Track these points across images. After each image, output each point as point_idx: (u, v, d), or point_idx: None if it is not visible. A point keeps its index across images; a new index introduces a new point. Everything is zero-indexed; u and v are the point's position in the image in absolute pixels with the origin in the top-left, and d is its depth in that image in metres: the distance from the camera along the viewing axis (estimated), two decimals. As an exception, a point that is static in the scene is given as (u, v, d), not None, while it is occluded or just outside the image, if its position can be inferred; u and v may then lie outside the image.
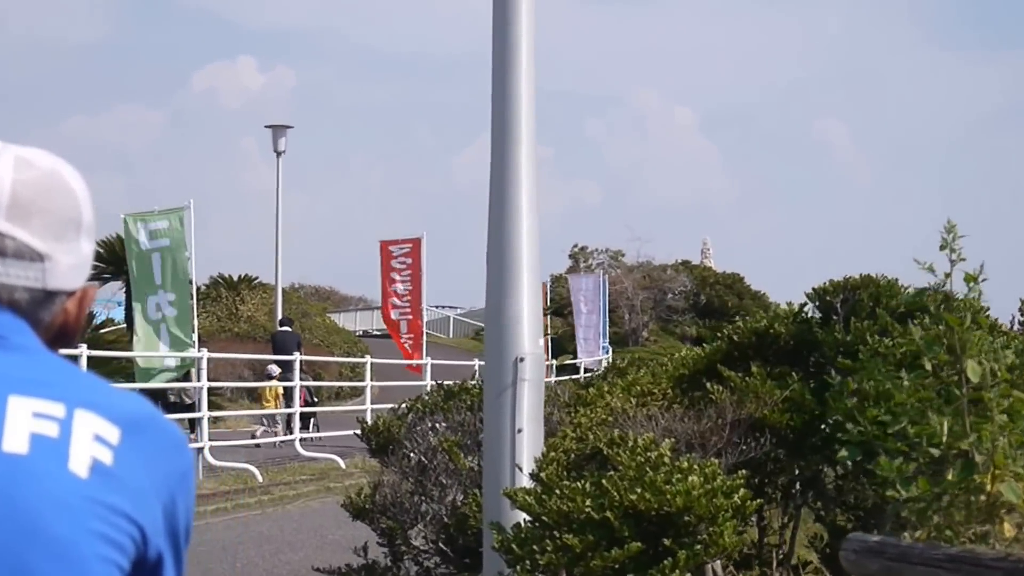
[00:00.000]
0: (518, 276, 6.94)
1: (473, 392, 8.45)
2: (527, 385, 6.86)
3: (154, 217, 19.70)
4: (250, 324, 43.91)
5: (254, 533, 13.12)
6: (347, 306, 79.03)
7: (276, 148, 41.73)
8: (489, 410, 6.97)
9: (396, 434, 8.29)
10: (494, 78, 7.07)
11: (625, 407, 7.20)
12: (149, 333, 19.89)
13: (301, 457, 21.98)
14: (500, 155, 7.03)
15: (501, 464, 6.85)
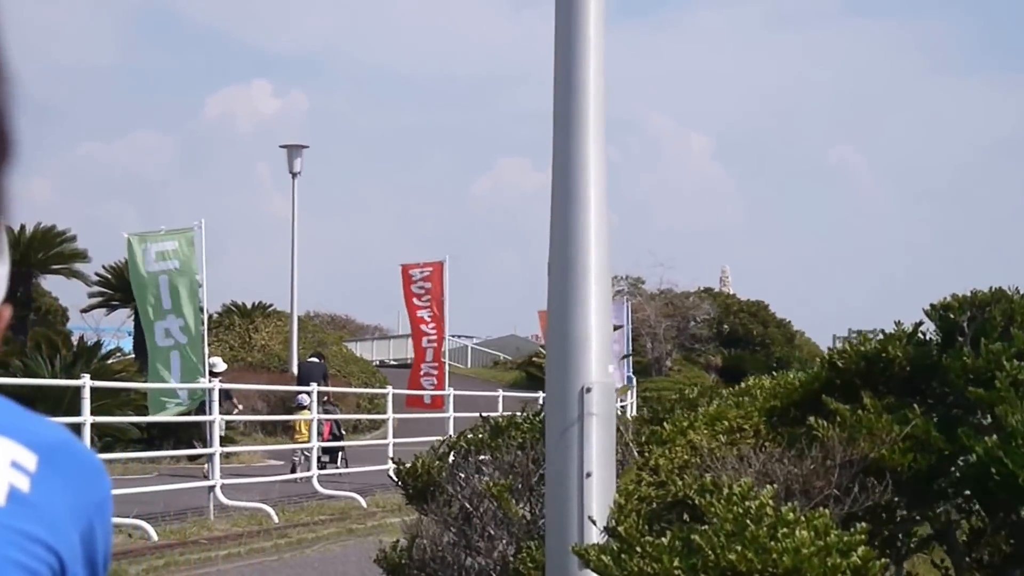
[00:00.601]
0: (584, 289, 5.77)
1: (523, 428, 7.26)
2: (595, 421, 5.69)
3: (161, 237, 18.56)
4: (264, 353, 42.79)
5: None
6: (363, 335, 77.91)
7: (291, 169, 40.81)
8: (552, 450, 5.79)
9: (436, 477, 7.10)
10: (557, 62, 5.95)
11: (712, 446, 6.00)
12: (157, 362, 18.74)
13: (319, 495, 20.76)
14: (564, 146, 5.88)
15: (567, 514, 5.67)
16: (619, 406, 36.42)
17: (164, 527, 16.24)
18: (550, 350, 5.88)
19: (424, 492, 7.12)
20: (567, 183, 5.88)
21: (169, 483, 20.75)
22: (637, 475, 5.80)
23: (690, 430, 6.14)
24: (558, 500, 5.74)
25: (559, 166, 5.92)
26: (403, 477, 7.27)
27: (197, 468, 24.51)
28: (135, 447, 27.88)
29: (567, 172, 5.88)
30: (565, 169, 5.89)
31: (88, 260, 41.38)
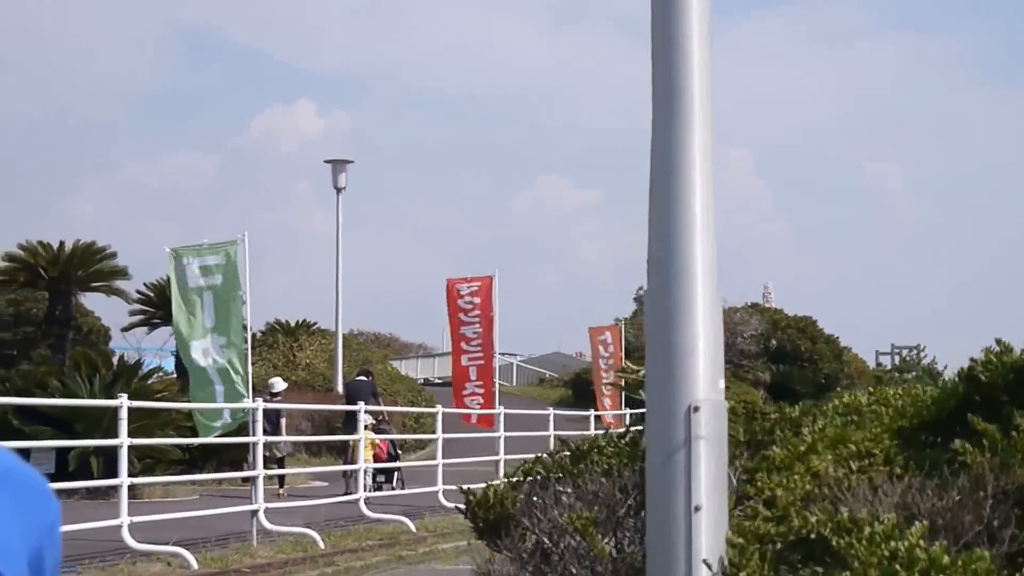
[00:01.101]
0: (689, 292, 4.89)
1: (607, 452, 6.38)
2: (704, 445, 4.80)
3: (203, 251, 17.78)
4: (309, 372, 42.02)
5: (317, 618, 11.10)
6: (407, 353, 77.29)
7: (336, 184, 40.10)
8: (654, 479, 4.91)
9: (510, 508, 6.22)
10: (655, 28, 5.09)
11: (838, 474, 5.11)
12: (197, 381, 17.95)
13: (366, 519, 19.90)
14: (665, 129, 5.03)
15: (671, 554, 4.78)
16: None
17: (204, 554, 15.44)
18: (650, 363, 5.00)
19: (497, 525, 6.25)
20: (667, 172, 5.02)
21: (212, 506, 19.97)
22: (752, 509, 4.91)
23: (812, 455, 5.24)
24: (661, 538, 4.86)
25: (659, 152, 5.06)
26: (472, 508, 6.40)
27: (243, 490, 23.71)
28: (176, 468, 27.17)
29: (667, 159, 5.02)
30: (665, 156, 5.03)
31: (129, 277, 40.74)
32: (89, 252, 40.59)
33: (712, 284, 4.96)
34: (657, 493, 4.90)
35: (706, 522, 4.76)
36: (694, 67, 5.01)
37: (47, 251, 40.19)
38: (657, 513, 4.89)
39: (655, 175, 5.01)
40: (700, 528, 4.76)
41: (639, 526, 6.17)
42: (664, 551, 4.85)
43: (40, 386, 26.49)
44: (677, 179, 4.96)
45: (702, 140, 5.00)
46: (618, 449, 6.34)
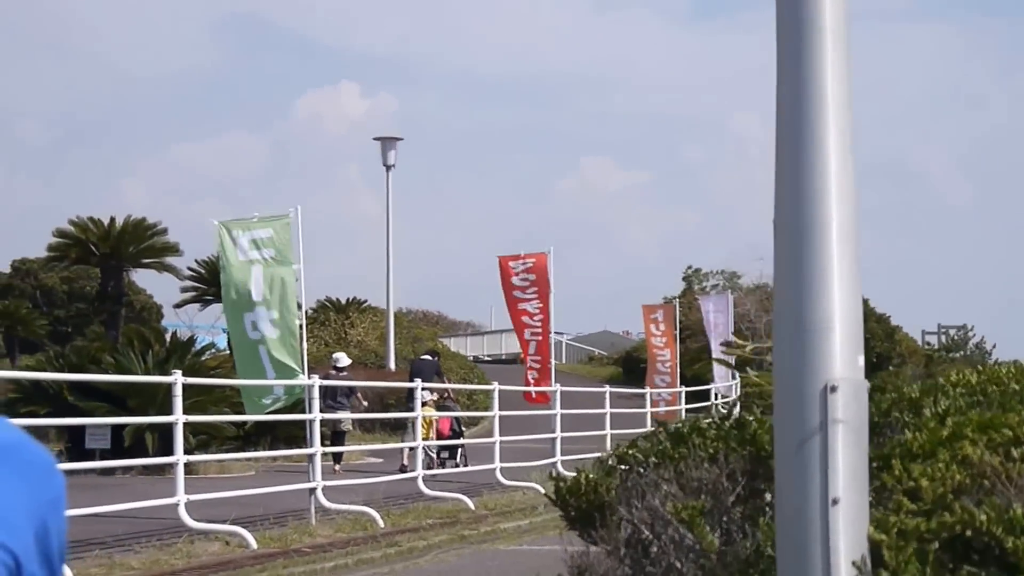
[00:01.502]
0: (824, 255, 4.41)
1: (709, 435, 5.91)
2: (843, 430, 4.33)
3: (254, 225, 17.37)
4: (361, 349, 41.74)
5: (384, 603, 10.70)
6: (456, 331, 77.06)
7: (385, 161, 39.74)
8: (784, 469, 4.44)
9: (605, 496, 5.77)
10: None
11: (993, 461, 4.63)
12: (245, 357, 17.56)
13: (425, 496, 19.53)
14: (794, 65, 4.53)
15: (805, 554, 4.31)
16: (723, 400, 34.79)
17: (263, 532, 15.09)
18: (779, 337, 4.53)
19: (590, 515, 5.79)
20: (796, 118, 4.52)
21: (268, 483, 19.68)
22: (896, 502, 4.44)
23: (961, 440, 4.76)
24: (793, 534, 4.39)
25: (786, 95, 4.57)
26: (563, 496, 5.93)
27: (297, 466, 23.43)
28: (231, 445, 26.93)
29: (796, 102, 4.53)
30: (795, 96, 4.53)
31: (180, 253, 40.57)
32: (140, 228, 40.45)
33: (851, 247, 4.48)
34: (788, 485, 4.43)
35: (845, 517, 4.29)
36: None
37: (98, 227, 40.08)
38: (788, 507, 4.42)
39: (782, 122, 4.53)
40: (838, 524, 4.29)
41: (747, 517, 5.72)
42: (797, 549, 4.38)
43: (94, 362, 26.29)
44: (807, 127, 4.48)
45: (836, 77, 4.51)
46: (722, 432, 5.88)
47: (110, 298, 40.48)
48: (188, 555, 13.55)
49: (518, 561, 13.37)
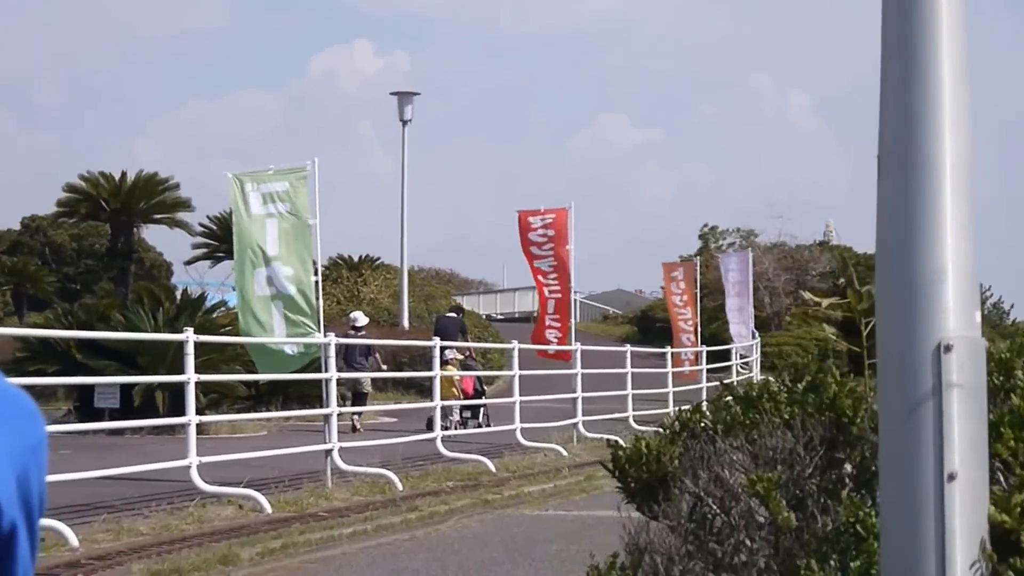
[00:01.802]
0: (937, 198, 3.78)
1: (780, 399, 5.30)
2: (959, 395, 3.70)
3: (269, 178, 16.73)
4: (373, 307, 41.18)
5: (408, 574, 10.07)
6: (468, 289, 76.63)
7: (401, 116, 39.10)
8: (890, 439, 3.82)
9: (668, 466, 5.17)
10: None
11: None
12: (257, 313, 16.94)
13: (444, 458, 18.98)
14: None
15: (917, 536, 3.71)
16: (742, 361, 34.16)
17: (278, 496, 14.55)
18: (883, 290, 3.91)
19: (651, 487, 5.19)
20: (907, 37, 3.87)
21: (281, 443, 19.16)
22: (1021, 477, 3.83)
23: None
24: (902, 514, 3.78)
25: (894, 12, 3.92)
26: (621, 466, 5.33)
27: (311, 426, 22.92)
28: (242, 404, 26.43)
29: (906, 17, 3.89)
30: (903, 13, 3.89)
31: (192, 209, 39.94)
32: (152, 183, 39.81)
33: (966, 187, 3.84)
34: (895, 458, 3.82)
35: (962, 495, 3.67)
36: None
37: (109, 182, 39.44)
38: (896, 484, 3.81)
39: (888, 45, 3.90)
40: (955, 502, 3.67)
41: (824, 490, 5.12)
42: (907, 531, 3.77)
43: (103, 319, 25.76)
44: (917, 51, 3.84)
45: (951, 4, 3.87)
46: (795, 396, 5.27)
47: (120, 254, 39.91)
48: (200, 520, 13.01)
49: (545, 527, 12.82)
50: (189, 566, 10.26)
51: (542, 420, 22.68)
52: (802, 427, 5.02)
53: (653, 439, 5.34)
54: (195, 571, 10.18)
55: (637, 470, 5.22)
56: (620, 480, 5.30)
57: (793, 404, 5.22)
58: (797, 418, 5.07)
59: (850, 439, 5.11)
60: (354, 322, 26.25)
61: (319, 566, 10.50)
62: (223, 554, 10.79)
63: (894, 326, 3.90)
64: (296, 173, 16.71)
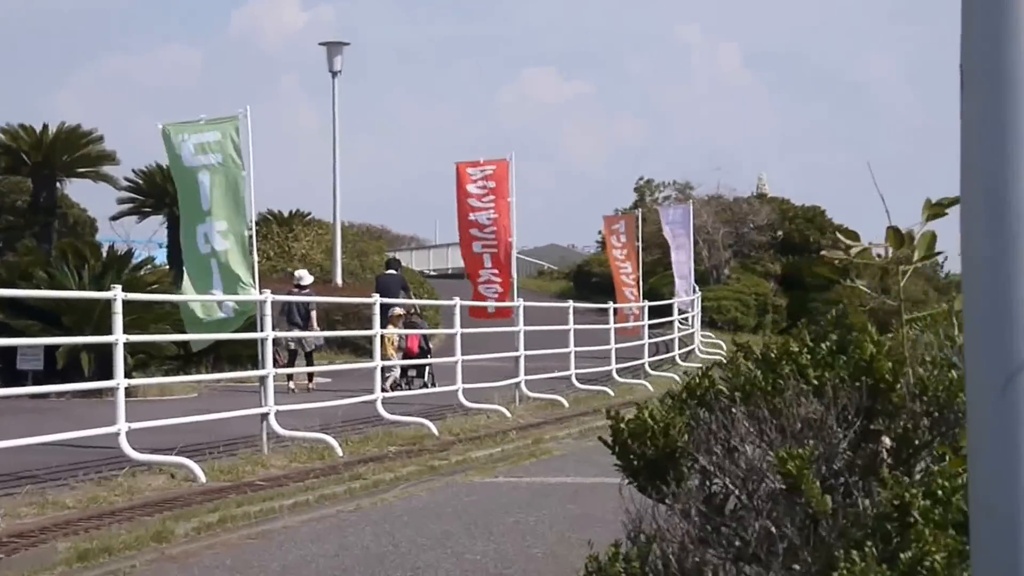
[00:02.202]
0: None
1: (802, 361, 4.59)
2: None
3: (200, 128, 15.85)
4: (305, 263, 40.15)
5: (357, 551, 9.30)
6: (399, 245, 75.70)
7: (331, 68, 38.09)
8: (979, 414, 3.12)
9: (678, 441, 4.44)
10: None
11: None
12: (198, 272, 16.11)
13: (384, 421, 18.23)
14: None
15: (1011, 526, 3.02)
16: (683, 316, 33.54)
17: (211, 464, 13.76)
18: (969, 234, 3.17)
19: (660, 466, 4.47)
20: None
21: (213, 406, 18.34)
22: None
23: None
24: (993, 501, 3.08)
25: None
26: (622, 440, 4.58)
27: (242, 387, 22.12)
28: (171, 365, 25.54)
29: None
30: None
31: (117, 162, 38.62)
32: (75, 136, 38.50)
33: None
34: (985, 436, 3.11)
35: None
36: None
37: (30, 135, 38.11)
38: (986, 466, 3.10)
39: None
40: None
41: (859, 467, 4.43)
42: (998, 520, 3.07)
43: (25, 277, 24.73)
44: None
45: None
46: (821, 358, 4.56)
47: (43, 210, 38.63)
48: (130, 490, 12.19)
49: (498, 496, 12.12)
50: (120, 544, 9.46)
51: (482, 380, 21.95)
52: (834, 395, 4.32)
53: (657, 409, 4.60)
54: (126, 549, 9.39)
55: (641, 445, 4.48)
56: (620, 457, 4.56)
57: (820, 366, 4.51)
58: (828, 384, 4.36)
59: (889, 409, 4.42)
60: (299, 280, 25.60)
61: (260, 542, 9.73)
62: (156, 530, 9.99)
63: (984, 278, 3.18)
64: (228, 122, 15.84)
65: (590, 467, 14.20)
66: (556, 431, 18.45)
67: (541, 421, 20.29)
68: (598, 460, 15.19)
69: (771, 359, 4.59)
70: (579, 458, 15.24)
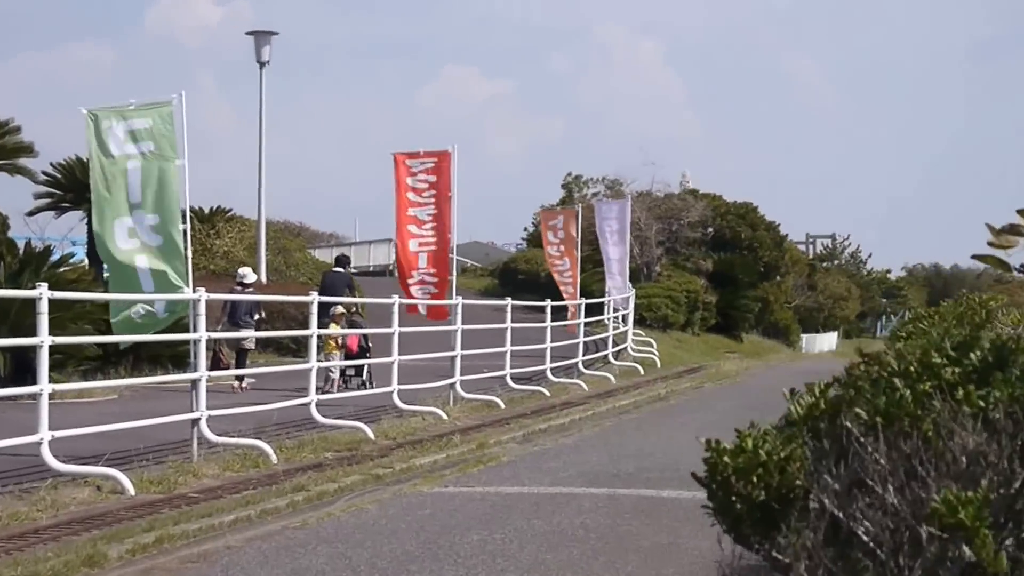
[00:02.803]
0: None
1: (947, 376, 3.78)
2: None
3: (131, 114, 14.86)
4: (228, 260, 39.10)
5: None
6: (319, 242, 74.48)
7: (259, 58, 36.91)
8: None
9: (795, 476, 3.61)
10: None
11: None
12: (118, 270, 15.12)
13: (319, 425, 17.33)
14: None
15: None
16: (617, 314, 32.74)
17: (140, 474, 12.83)
18: None
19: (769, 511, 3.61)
20: None
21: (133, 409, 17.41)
22: None
23: None
24: None
25: None
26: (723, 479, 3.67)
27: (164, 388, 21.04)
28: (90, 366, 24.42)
29: None
30: None
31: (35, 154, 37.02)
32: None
33: None
34: None
35: None
36: None
37: (-59, 126, 36.55)
38: None
39: None
40: None
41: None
42: None
43: (-66, 275, 23.51)
44: None
45: None
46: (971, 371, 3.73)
47: (-46, 204, 37.15)
48: (54, 505, 11.23)
49: (453, 509, 11.29)
50: (48, 570, 8.54)
51: (414, 380, 21.02)
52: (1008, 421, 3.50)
53: (763, 438, 3.75)
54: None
55: (748, 484, 3.63)
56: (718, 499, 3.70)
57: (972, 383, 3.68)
58: (1000, 407, 3.53)
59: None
60: (242, 278, 24.72)
61: (202, 566, 8.84)
62: (87, 553, 9.05)
63: None
64: (160, 108, 14.88)
65: (542, 475, 13.46)
66: (499, 435, 17.65)
67: (479, 423, 19.49)
68: (548, 466, 14.48)
69: (911, 373, 3.75)
70: (528, 464, 14.49)
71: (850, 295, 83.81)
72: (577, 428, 19.18)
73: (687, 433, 17.95)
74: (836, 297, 79.92)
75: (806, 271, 74.73)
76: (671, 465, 14.06)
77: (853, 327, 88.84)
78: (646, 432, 18.39)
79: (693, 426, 19.30)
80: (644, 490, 12.28)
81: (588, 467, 14.12)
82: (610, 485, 12.59)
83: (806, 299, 73.28)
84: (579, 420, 20.28)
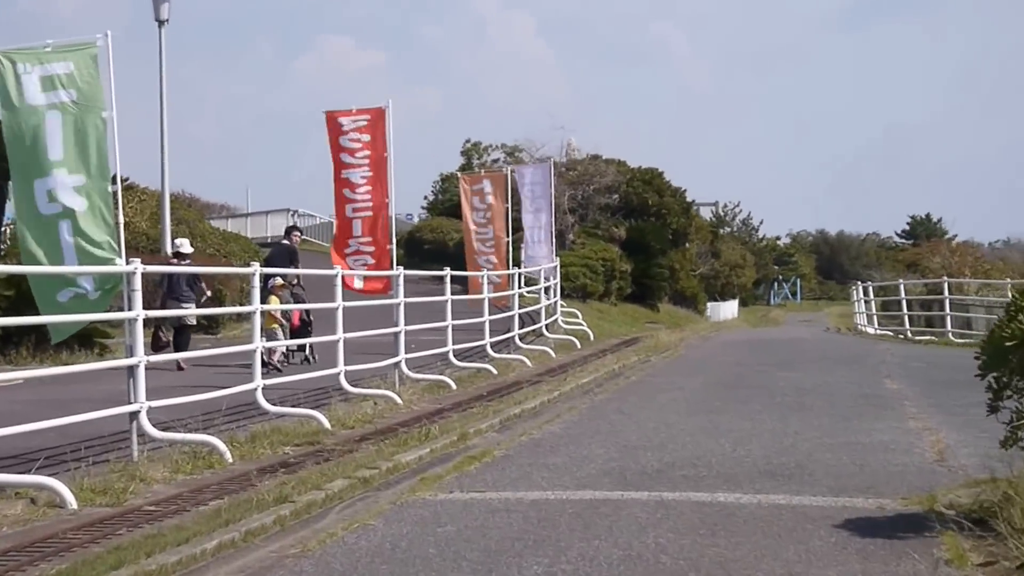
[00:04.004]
0: None
1: None
2: None
3: (48, 56, 12.60)
4: (130, 232, 36.46)
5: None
6: (211, 213, 71.82)
7: (157, 16, 34.98)
8: None
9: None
10: None
11: None
12: (38, 238, 12.87)
13: (267, 414, 15.27)
14: None
15: None
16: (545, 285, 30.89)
17: (78, 481, 10.69)
18: None
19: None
20: None
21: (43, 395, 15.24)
22: None
23: None
24: None
25: None
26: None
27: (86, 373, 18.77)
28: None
29: None
30: None
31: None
32: None
33: None
34: None
35: None
36: None
37: None
38: None
39: None
40: None
41: None
42: None
43: None
44: None
45: None
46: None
47: None
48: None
49: (479, 523, 9.29)
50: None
51: (354, 359, 18.86)
52: None
53: None
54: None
55: None
56: None
57: None
58: None
59: None
60: (179, 247, 23.13)
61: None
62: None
63: None
64: (83, 50, 12.63)
65: (554, 474, 11.59)
66: (474, 423, 15.61)
67: (438, 407, 17.52)
68: (553, 463, 12.44)
69: None
70: (528, 460, 12.59)
71: (745, 262, 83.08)
72: (553, 412, 17.24)
73: (679, 416, 16.25)
74: (732, 264, 79.04)
75: (709, 238, 73.58)
76: (693, 460, 12.29)
77: (749, 295, 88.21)
78: (632, 416, 16.52)
79: (677, 407, 17.57)
80: (692, 493, 10.37)
81: (602, 463, 12.21)
82: (647, 487, 10.67)
83: (709, 267, 72.22)
84: (548, 403, 18.35)
